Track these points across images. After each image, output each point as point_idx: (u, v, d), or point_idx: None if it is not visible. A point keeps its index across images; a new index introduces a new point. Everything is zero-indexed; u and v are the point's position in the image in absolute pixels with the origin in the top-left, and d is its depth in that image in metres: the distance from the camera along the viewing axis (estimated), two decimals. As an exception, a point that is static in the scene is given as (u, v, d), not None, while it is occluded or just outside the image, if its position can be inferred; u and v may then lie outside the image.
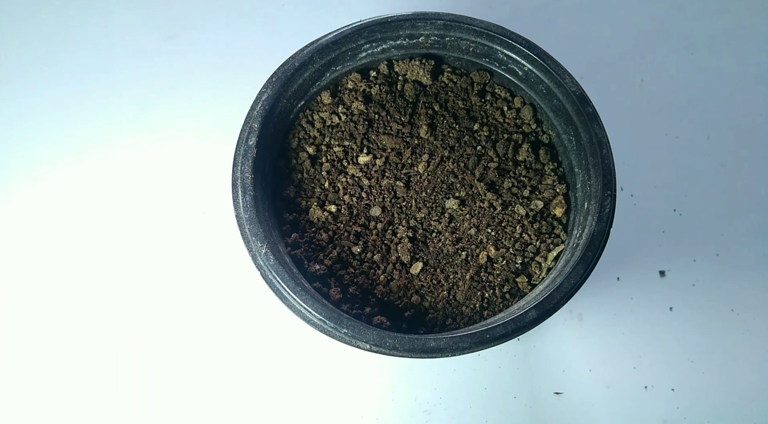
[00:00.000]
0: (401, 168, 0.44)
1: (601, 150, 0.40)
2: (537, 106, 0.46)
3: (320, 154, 0.45)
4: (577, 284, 0.37)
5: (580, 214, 0.42)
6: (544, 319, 0.37)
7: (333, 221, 0.42)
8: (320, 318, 0.36)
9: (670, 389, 0.51)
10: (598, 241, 0.38)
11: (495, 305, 0.41)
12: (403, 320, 0.40)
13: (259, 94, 0.42)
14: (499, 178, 0.44)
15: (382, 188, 0.44)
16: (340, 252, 0.42)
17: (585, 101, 0.42)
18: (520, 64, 0.44)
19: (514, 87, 0.46)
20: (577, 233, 0.41)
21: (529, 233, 0.43)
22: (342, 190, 0.44)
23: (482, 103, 0.46)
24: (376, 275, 0.41)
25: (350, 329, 0.36)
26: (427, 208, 0.43)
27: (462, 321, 0.41)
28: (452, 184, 0.44)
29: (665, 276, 0.54)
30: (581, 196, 0.42)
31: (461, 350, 0.36)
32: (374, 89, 0.46)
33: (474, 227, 0.43)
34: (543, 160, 0.45)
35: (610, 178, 0.40)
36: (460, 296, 0.41)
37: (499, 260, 0.42)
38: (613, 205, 0.39)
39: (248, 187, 0.39)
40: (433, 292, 0.41)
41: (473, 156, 0.44)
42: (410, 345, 0.36)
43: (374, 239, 0.42)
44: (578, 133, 0.42)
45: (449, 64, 0.47)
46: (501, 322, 0.36)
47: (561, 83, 0.42)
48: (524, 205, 0.43)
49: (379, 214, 0.43)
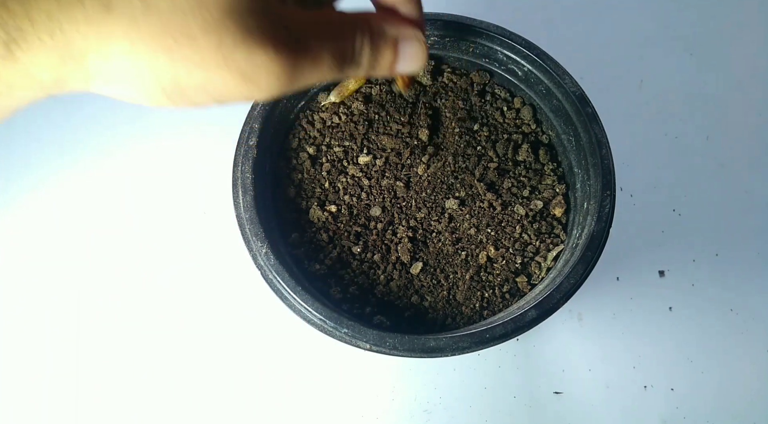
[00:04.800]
0: (401, 168, 0.44)
1: (601, 150, 0.40)
2: (537, 106, 0.46)
3: (320, 155, 0.45)
4: (576, 283, 0.37)
5: (580, 214, 0.42)
6: (544, 319, 0.37)
7: (333, 221, 0.43)
8: (320, 318, 0.36)
9: (670, 388, 0.51)
10: (598, 241, 0.38)
11: (495, 304, 0.41)
12: (403, 320, 0.40)
13: (259, 95, 0.42)
14: (499, 178, 0.44)
15: (382, 188, 0.44)
16: (340, 252, 0.42)
17: (584, 101, 0.42)
18: (519, 65, 0.44)
19: (514, 87, 0.46)
20: (577, 232, 0.41)
21: (528, 233, 0.43)
22: (342, 191, 0.44)
23: (482, 103, 0.46)
24: (376, 275, 0.41)
25: (350, 329, 0.36)
26: (427, 209, 0.43)
27: (462, 321, 0.41)
28: (452, 185, 0.44)
29: (665, 276, 0.54)
30: (581, 196, 0.42)
31: (461, 349, 0.36)
32: (374, 90, 0.46)
33: (474, 227, 0.43)
34: (543, 160, 0.45)
35: (610, 178, 0.40)
36: (459, 296, 0.41)
37: (499, 259, 0.42)
38: (612, 205, 0.39)
39: (248, 187, 0.39)
40: (433, 292, 0.41)
41: (473, 156, 0.45)
42: (410, 345, 0.36)
43: (374, 239, 0.42)
44: (578, 134, 0.42)
45: (449, 64, 0.48)
46: (501, 322, 0.37)
47: (560, 83, 0.42)
48: (524, 205, 0.43)
49: (379, 214, 0.43)
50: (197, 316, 0.52)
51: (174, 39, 0.21)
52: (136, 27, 0.21)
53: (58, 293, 0.52)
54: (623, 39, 0.63)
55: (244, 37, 0.22)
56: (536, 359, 0.52)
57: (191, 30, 0.21)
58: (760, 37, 0.63)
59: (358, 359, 0.51)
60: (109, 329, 0.52)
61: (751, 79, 0.61)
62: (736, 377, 0.52)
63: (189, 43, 0.22)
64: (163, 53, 0.22)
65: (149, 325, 0.52)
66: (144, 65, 0.22)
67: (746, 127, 0.59)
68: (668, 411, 0.51)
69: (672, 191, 0.57)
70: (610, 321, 0.53)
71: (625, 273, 0.54)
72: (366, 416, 0.50)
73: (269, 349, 0.51)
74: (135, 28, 0.21)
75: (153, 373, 0.51)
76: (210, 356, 0.51)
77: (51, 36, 0.20)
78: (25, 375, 0.50)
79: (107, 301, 0.52)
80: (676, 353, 0.52)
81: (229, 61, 0.22)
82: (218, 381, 0.51)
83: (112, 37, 0.21)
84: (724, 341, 0.53)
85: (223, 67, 0.22)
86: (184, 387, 0.50)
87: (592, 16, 0.63)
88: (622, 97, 0.60)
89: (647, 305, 0.53)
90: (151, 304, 0.52)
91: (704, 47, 0.62)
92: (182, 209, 0.55)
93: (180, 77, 0.22)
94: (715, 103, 0.60)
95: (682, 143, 0.58)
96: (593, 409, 0.51)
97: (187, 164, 0.56)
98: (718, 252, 0.55)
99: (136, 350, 0.51)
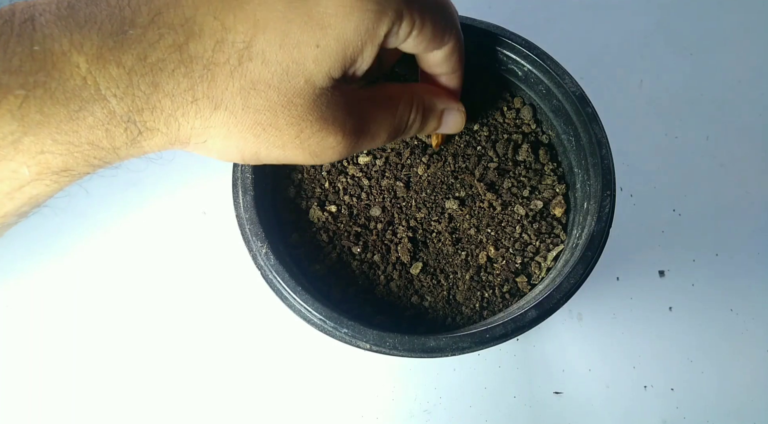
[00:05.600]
0: (401, 168, 0.44)
1: (601, 150, 0.40)
2: (537, 106, 0.46)
3: (320, 155, 0.45)
4: (576, 283, 0.37)
5: (580, 214, 0.42)
6: (544, 319, 0.37)
7: (333, 221, 0.43)
8: (320, 318, 0.36)
9: (670, 388, 0.52)
10: (598, 241, 0.38)
11: (495, 304, 0.41)
12: (403, 320, 0.40)
13: (259, 95, 0.42)
14: (499, 178, 0.44)
15: (382, 188, 0.44)
16: (340, 252, 0.42)
17: (584, 101, 0.42)
18: (519, 65, 0.44)
19: (514, 87, 0.46)
20: (577, 232, 0.41)
21: (528, 233, 0.43)
22: (342, 191, 0.44)
23: (482, 103, 0.46)
24: (376, 275, 0.41)
25: (350, 329, 0.36)
26: (427, 209, 0.43)
27: (462, 321, 0.41)
28: (452, 185, 0.44)
29: (665, 276, 0.54)
30: (581, 196, 0.42)
31: (461, 349, 0.36)
32: None
33: (474, 227, 0.43)
34: (542, 160, 0.45)
35: (610, 179, 0.40)
36: (459, 296, 0.41)
37: (499, 259, 0.42)
38: (612, 205, 0.39)
39: (248, 187, 0.39)
40: (433, 292, 0.41)
41: (473, 156, 0.45)
42: (410, 345, 0.36)
43: (374, 239, 0.42)
44: (578, 134, 0.42)
45: (449, 64, 0.47)
46: (501, 322, 0.37)
47: (560, 83, 0.42)
48: (524, 205, 0.43)
49: (379, 214, 0.43)
50: (197, 316, 0.52)
51: (263, 128, 0.27)
52: (234, 120, 0.26)
53: (58, 292, 0.52)
54: (623, 39, 0.63)
55: (320, 128, 0.28)
56: (536, 359, 0.52)
57: (278, 123, 0.27)
58: (760, 37, 0.63)
59: (358, 359, 0.51)
60: (109, 329, 0.52)
61: (751, 79, 0.61)
62: (736, 377, 0.52)
63: (275, 132, 0.27)
64: (252, 138, 0.27)
65: (149, 325, 0.52)
66: (233, 146, 0.27)
67: (746, 127, 0.59)
68: (668, 411, 0.51)
69: (672, 191, 0.57)
70: (610, 321, 0.53)
71: (625, 273, 0.54)
72: (366, 416, 0.50)
73: (269, 349, 0.51)
74: (233, 121, 0.26)
75: (153, 373, 0.51)
76: (210, 357, 0.51)
77: (168, 127, 0.26)
78: (25, 375, 0.50)
79: (107, 301, 0.52)
80: (676, 353, 0.52)
81: (305, 145, 0.28)
82: (218, 381, 0.51)
83: (213, 126, 0.26)
84: (724, 341, 0.53)
85: (299, 149, 0.28)
86: (184, 387, 0.50)
87: (592, 16, 0.63)
88: (622, 97, 0.60)
89: (647, 305, 0.53)
90: (151, 304, 0.52)
91: (704, 47, 0.62)
92: (182, 209, 0.55)
93: (260, 153, 0.28)
94: (715, 103, 0.60)
95: (682, 143, 0.58)
96: (593, 409, 0.51)
97: (187, 164, 0.56)
98: (718, 252, 0.55)
99: (135, 350, 0.51)
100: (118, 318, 0.52)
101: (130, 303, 0.52)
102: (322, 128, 0.28)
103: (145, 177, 0.56)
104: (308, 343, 0.51)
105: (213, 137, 0.27)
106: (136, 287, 0.53)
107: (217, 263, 0.53)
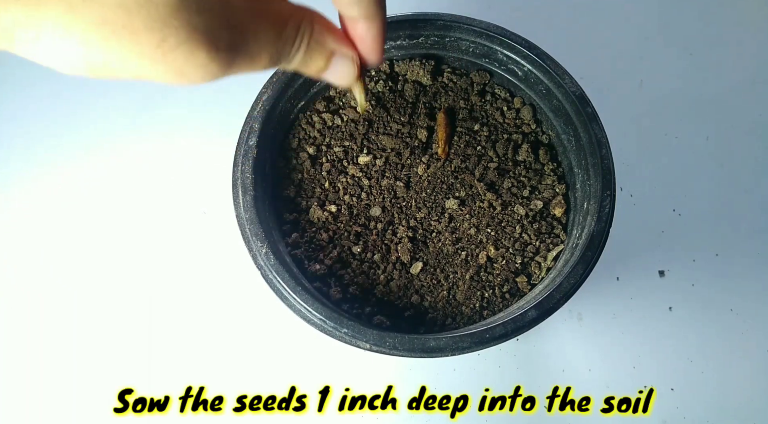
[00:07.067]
0: (401, 168, 0.44)
1: (601, 150, 0.40)
2: (537, 106, 0.46)
3: (320, 155, 0.45)
4: (576, 283, 0.37)
5: (580, 214, 0.42)
6: (544, 319, 0.37)
7: (333, 221, 0.43)
8: (320, 318, 0.36)
9: (670, 388, 0.51)
10: (598, 241, 0.38)
11: (495, 304, 0.41)
12: (403, 319, 0.40)
13: (259, 95, 0.42)
14: (499, 178, 0.44)
15: (382, 188, 0.44)
16: (340, 252, 0.42)
17: (584, 101, 0.42)
18: (519, 65, 0.44)
19: (514, 87, 0.46)
20: (577, 232, 0.41)
21: (528, 233, 0.43)
22: (342, 191, 0.44)
23: (482, 103, 0.46)
24: (376, 274, 0.41)
25: (350, 329, 0.36)
26: (427, 208, 0.43)
27: (462, 321, 0.41)
28: (452, 185, 0.44)
29: (665, 276, 0.54)
30: (581, 196, 0.42)
31: (461, 349, 0.36)
32: (379, 84, 0.46)
33: (474, 227, 0.43)
34: (542, 160, 0.45)
35: (610, 178, 0.40)
36: (459, 296, 0.41)
37: (499, 259, 0.42)
38: (612, 205, 0.39)
39: (248, 187, 0.39)
40: (433, 292, 0.41)
41: (473, 156, 0.45)
42: (410, 345, 0.36)
43: (374, 239, 0.42)
44: (578, 134, 0.42)
45: (449, 64, 0.48)
46: (501, 322, 0.37)
47: (560, 83, 0.42)
48: (524, 205, 0.43)
49: (379, 214, 0.43)
50: (197, 316, 0.52)
51: (113, 31, 0.21)
52: (73, 14, 0.21)
53: (58, 292, 0.52)
54: (623, 39, 0.63)
55: (187, 37, 0.22)
56: (536, 359, 0.52)
57: (134, 24, 0.21)
58: (760, 37, 0.63)
59: (358, 359, 0.51)
60: (109, 329, 0.52)
61: (751, 79, 0.61)
62: (736, 377, 0.52)
63: (130, 36, 0.21)
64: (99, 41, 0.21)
65: (149, 325, 0.52)
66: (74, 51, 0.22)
67: (746, 127, 0.59)
68: (668, 411, 0.51)
69: (672, 191, 0.57)
70: (610, 321, 0.53)
71: (625, 273, 0.54)
72: (366, 416, 0.50)
73: (269, 349, 0.51)
74: (71, 16, 0.21)
75: (153, 374, 0.51)
76: (210, 356, 0.51)
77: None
78: (25, 375, 0.50)
79: (107, 301, 0.52)
80: (676, 353, 0.52)
81: (168, 58, 0.22)
82: (218, 382, 0.51)
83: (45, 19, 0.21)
84: (724, 341, 0.53)
85: (161, 63, 0.22)
86: (184, 387, 0.50)
87: (592, 16, 0.63)
88: (622, 97, 0.60)
89: (647, 305, 0.53)
90: (151, 304, 0.52)
91: (704, 47, 0.62)
92: (182, 209, 0.55)
93: (112, 62, 0.22)
94: (715, 103, 0.60)
95: (682, 143, 0.58)
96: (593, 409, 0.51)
97: (187, 164, 0.56)
98: (718, 252, 0.55)
99: (135, 350, 0.51)
100: (118, 318, 0.52)
101: (130, 303, 0.52)
102: (190, 38, 0.22)
103: (146, 177, 0.56)
104: (308, 343, 0.51)
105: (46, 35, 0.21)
106: (136, 286, 0.53)
107: (217, 263, 0.53)
